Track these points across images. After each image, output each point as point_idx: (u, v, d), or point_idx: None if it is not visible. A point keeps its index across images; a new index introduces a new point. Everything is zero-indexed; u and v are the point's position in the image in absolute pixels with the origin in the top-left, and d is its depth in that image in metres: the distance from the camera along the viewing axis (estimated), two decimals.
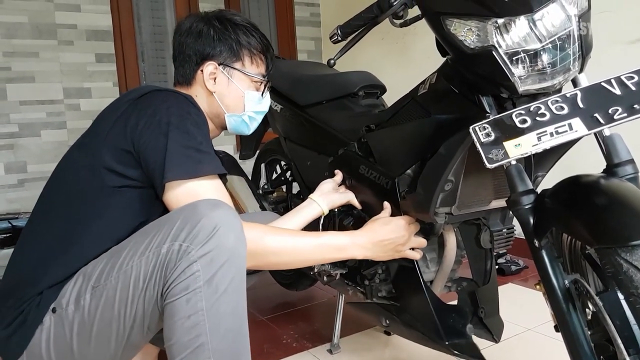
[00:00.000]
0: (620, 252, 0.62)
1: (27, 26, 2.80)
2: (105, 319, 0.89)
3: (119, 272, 0.87)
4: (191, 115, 0.98)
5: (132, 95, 1.02)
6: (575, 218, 0.70)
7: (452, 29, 0.84)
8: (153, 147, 0.93)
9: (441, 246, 1.19)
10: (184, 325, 0.82)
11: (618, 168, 0.80)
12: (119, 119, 0.98)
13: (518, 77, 0.78)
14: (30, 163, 2.85)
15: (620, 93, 0.70)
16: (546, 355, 1.41)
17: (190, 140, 0.94)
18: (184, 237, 0.83)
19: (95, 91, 3.01)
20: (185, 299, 0.82)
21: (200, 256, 0.82)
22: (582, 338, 0.79)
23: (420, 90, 1.05)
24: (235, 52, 1.12)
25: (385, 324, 1.23)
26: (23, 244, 1.01)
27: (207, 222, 0.83)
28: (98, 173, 0.96)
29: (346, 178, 1.27)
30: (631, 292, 0.61)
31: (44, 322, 0.92)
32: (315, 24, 3.75)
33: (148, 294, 0.86)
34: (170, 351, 0.84)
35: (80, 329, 0.90)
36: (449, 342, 1.06)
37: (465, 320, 1.12)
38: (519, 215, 0.83)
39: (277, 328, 1.70)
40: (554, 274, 0.81)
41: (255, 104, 1.16)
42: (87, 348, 0.91)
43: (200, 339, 0.81)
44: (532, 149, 0.71)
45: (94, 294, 0.89)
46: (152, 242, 0.86)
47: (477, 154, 0.98)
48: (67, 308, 0.90)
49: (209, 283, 0.82)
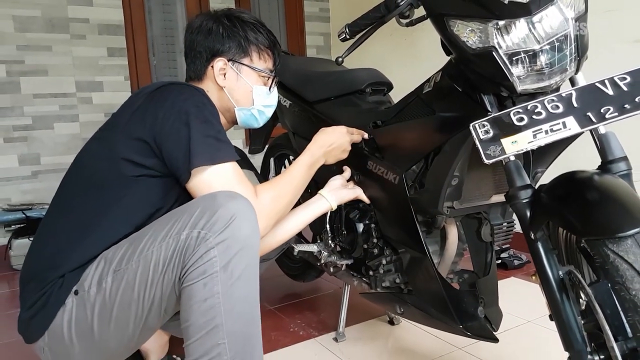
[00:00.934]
0: (608, 243, 0.66)
1: (41, 20, 2.86)
2: (125, 300, 0.94)
3: (140, 257, 0.93)
4: (207, 106, 1.04)
5: (147, 89, 1.07)
6: (568, 211, 0.74)
7: (455, 29, 0.88)
8: (176, 137, 0.98)
9: (443, 239, 1.23)
10: (200, 307, 0.87)
11: (612, 165, 0.84)
12: (136, 111, 1.03)
13: (517, 76, 0.82)
14: (43, 155, 2.92)
15: (612, 93, 0.74)
16: (545, 346, 1.45)
17: (210, 129, 1.00)
18: (202, 225, 0.88)
19: (107, 85, 3.06)
20: (203, 283, 0.87)
21: (217, 243, 0.87)
22: (574, 326, 0.83)
23: (425, 88, 1.09)
24: (244, 48, 1.16)
25: (400, 311, 1.28)
26: (44, 231, 1.06)
27: (225, 212, 0.88)
28: (116, 163, 1.01)
29: (354, 174, 1.31)
30: (617, 280, 0.65)
31: (66, 304, 0.97)
32: (325, 19, 3.78)
33: (167, 277, 0.91)
34: (186, 332, 0.89)
35: (101, 310, 0.95)
36: (462, 325, 1.11)
37: (477, 304, 1.17)
38: (517, 209, 0.87)
39: (285, 317, 1.75)
40: (548, 265, 0.85)
41: (263, 98, 1.20)
42: (106, 329, 0.96)
43: (216, 320, 0.86)
44: (528, 145, 0.75)
45: (116, 277, 0.94)
46: (173, 229, 0.91)
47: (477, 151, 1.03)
48: (89, 290, 0.96)
49: (225, 268, 0.87)
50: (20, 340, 0.99)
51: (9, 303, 2.06)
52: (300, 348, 1.51)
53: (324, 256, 1.41)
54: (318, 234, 1.54)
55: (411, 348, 1.48)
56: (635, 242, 0.65)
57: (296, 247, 1.46)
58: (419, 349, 1.47)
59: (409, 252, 1.22)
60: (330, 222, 1.43)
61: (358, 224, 1.32)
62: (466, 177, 1.05)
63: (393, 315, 1.65)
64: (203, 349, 0.88)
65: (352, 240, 1.35)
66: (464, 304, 1.15)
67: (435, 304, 1.16)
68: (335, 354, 1.46)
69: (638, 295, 0.64)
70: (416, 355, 1.43)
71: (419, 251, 1.16)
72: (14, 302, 2.06)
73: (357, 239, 1.33)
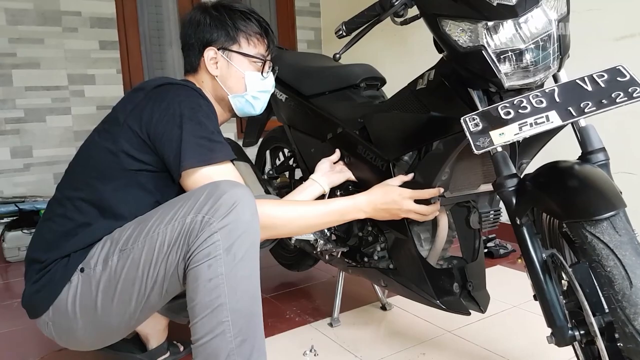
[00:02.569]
0: (586, 225, 0.73)
1: (33, 13, 2.86)
2: (129, 278, 0.99)
3: (146, 238, 0.98)
4: (202, 108, 1.08)
5: (147, 85, 1.12)
6: (551, 198, 0.81)
7: (447, 29, 0.94)
8: (168, 139, 1.04)
9: (434, 227, 1.30)
10: (205, 287, 0.92)
11: (591, 155, 0.91)
12: (135, 109, 1.08)
13: (504, 73, 0.88)
14: (35, 148, 2.93)
15: (591, 89, 0.81)
16: (530, 328, 1.53)
17: (202, 130, 1.04)
18: (206, 210, 0.94)
19: (99, 78, 3.08)
20: (207, 265, 0.92)
21: (221, 227, 0.93)
22: (556, 305, 0.90)
23: (418, 84, 1.15)
24: (232, 36, 1.18)
25: (384, 284, 1.36)
26: (50, 215, 1.12)
27: (228, 198, 0.94)
28: (117, 156, 1.07)
29: (344, 155, 1.38)
30: (593, 259, 0.72)
31: (71, 281, 1.03)
32: (315, 14, 3.82)
33: (170, 258, 0.97)
34: (192, 312, 0.95)
35: (105, 287, 1.01)
36: (439, 300, 1.20)
37: (453, 281, 1.25)
38: (503, 197, 0.94)
39: (280, 305, 1.81)
40: (532, 249, 0.92)
41: (257, 84, 1.22)
42: (109, 305, 1.02)
43: (220, 299, 0.92)
44: (514, 137, 0.81)
45: (121, 256, 1.00)
46: (178, 213, 0.97)
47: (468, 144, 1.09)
48: (95, 268, 1.02)
49: (228, 251, 0.93)
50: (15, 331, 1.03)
51: (3, 294, 2.08)
52: (297, 333, 1.57)
53: (320, 244, 1.47)
54: None
55: (403, 332, 1.55)
56: (610, 224, 0.72)
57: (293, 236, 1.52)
58: (410, 332, 1.54)
59: (393, 234, 1.30)
60: None
61: None
62: (457, 168, 1.11)
63: (385, 302, 1.72)
64: (209, 326, 0.93)
65: (348, 229, 1.41)
66: (441, 281, 1.24)
67: (416, 280, 1.25)
68: (330, 338, 1.53)
69: (612, 272, 0.71)
70: (408, 338, 1.51)
71: (403, 234, 1.24)
72: (8, 293, 2.09)
73: (352, 227, 1.39)
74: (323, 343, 1.50)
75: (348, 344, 1.48)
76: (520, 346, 1.42)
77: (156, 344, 1.43)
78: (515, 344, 1.43)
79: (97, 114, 3.07)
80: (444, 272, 1.25)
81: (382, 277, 1.33)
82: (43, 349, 1.54)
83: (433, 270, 1.23)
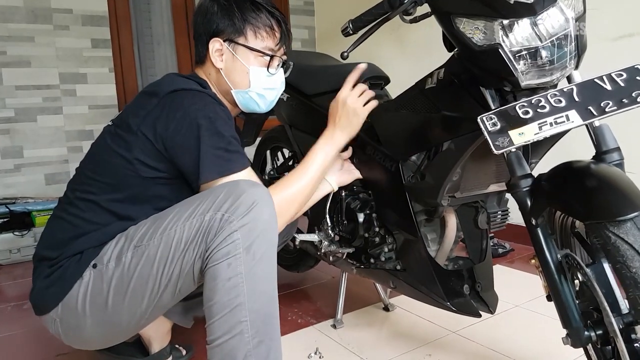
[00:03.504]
0: (609, 226, 0.73)
1: (23, 10, 2.80)
2: (143, 275, 0.97)
3: (163, 234, 0.96)
4: (219, 115, 1.04)
5: (159, 90, 1.06)
6: (570, 198, 0.80)
7: (462, 27, 0.92)
8: (186, 150, 1.01)
9: (442, 227, 1.29)
10: (224, 286, 0.90)
11: (606, 155, 0.90)
12: (148, 116, 1.04)
13: (521, 72, 0.87)
14: (26, 148, 2.87)
15: (611, 88, 0.80)
16: (533, 327, 1.53)
17: (219, 141, 1.02)
18: (226, 209, 0.92)
19: (91, 77, 3.02)
20: (227, 263, 0.91)
21: (241, 226, 0.91)
22: (572, 305, 0.90)
23: (427, 83, 1.13)
24: (238, 27, 1.12)
25: (393, 286, 1.34)
26: (61, 214, 1.10)
27: (247, 197, 0.93)
28: (132, 164, 1.05)
29: (352, 155, 1.36)
30: (617, 260, 0.72)
31: (83, 277, 1.01)
32: (309, 12, 3.80)
33: (187, 255, 0.95)
34: (210, 311, 0.92)
35: (118, 284, 0.99)
36: (450, 302, 1.19)
37: (463, 282, 1.24)
38: (518, 197, 0.93)
39: (281, 306, 1.77)
40: (547, 249, 0.91)
41: (262, 80, 1.15)
42: (121, 303, 1.00)
43: (239, 299, 0.90)
44: (534, 137, 0.80)
45: (136, 253, 0.98)
46: (197, 210, 0.95)
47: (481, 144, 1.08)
48: (108, 264, 0.99)
49: (248, 250, 0.91)
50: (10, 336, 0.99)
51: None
52: (301, 335, 1.56)
53: (324, 245, 1.46)
54: (316, 224, 1.58)
55: (408, 332, 1.54)
56: (634, 225, 0.71)
57: (297, 236, 1.50)
58: (415, 333, 1.53)
59: (403, 235, 1.29)
60: (329, 212, 1.47)
61: (359, 214, 1.36)
62: (466, 169, 1.10)
63: (388, 302, 1.70)
64: (227, 326, 0.91)
65: (353, 230, 1.39)
66: (451, 283, 1.23)
67: (425, 282, 1.24)
68: (335, 340, 1.51)
69: (638, 272, 0.70)
70: (413, 339, 1.49)
71: (413, 235, 1.23)
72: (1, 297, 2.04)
73: (358, 228, 1.38)
74: (327, 345, 1.48)
75: (353, 346, 1.46)
76: (526, 346, 1.41)
77: (159, 347, 1.40)
78: (521, 343, 1.43)
79: (89, 113, 3.02)
80: (454, 274, 1.24)
81: (391, 278, 1.32)
82: (37, 356, 1.50)
83: (443, 271, 1.22)
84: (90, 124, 3.01)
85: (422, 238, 1.20)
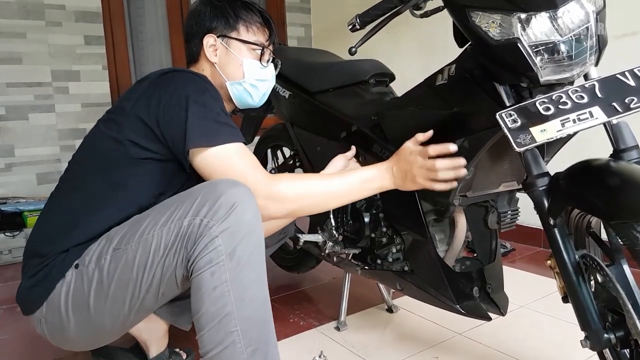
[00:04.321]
0: (636, 225, 0.70)
1: (14, 5, 2.74)
2: (122, 280, 0.94)
3: (140, 239, 0.93)
4: (208, 90, 1.05)
5: (152, 75, 1.09)
6: (592, 197, 0.78)
7: (477, 21, 0.90)
8: (175, 122, 1.00)
9: (451, 227, 1.26)
10: (210, 296, 0.87)
11: (624, 153, 0.88)
12: (142, 97, 1.05)
13: (540, 67, 0.85)
14: (17, 147, 2.81)
15: (634, 84, 0.78)
16: (539, 328, 1.51)
17: (207, 112, 1.01)
18: (205, 213, 0.89)
19: (84, 74, 2.97)
20: (210, 272, 0.87)
21: (221, 231, 0.87)
22: (590, 306, 0.87)
23: (438, 80, 1.10)
24: (231, 24, 1.17)
25: (400, 287, 1.31)
26: (51, 208, 1.08)
27: (226, 199, 0.89)
28: (123, 145, 1.03)
29: (359, 154, 1.33)
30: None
31: (65, 277, 0.99)
32: (305, 10, 3.76)
33: (167, 261, 0.92)
34: (199, 322, 0.89)
35: (97, 286, 0.96)
36: (459, 304, 1.16)
37: (473, 285, 1.21)
38: (534, 197, 0.91)
39: (283, 308, 1.75)
40: (565, 250, 0.88)
41: (255, 72, 1.19)
42: (102, 305, 0.97)
43: (227, 308, 0.87)
44: (557, 134, 0.78)
45: (114, 256, 0.95)
46: (174, 215, 0.92)
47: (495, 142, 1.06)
48: (89, 265, 0.97)
49: (231, 256, 0.87)
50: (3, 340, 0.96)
51: None
52: (304, 337, 1.52)
53: (328, 246, 1.42)
54: (319, 224, 1.54)
55: (413, 334, 1.51)
56: None
57: (301, 237, 1.47)
58: (420, 335, 1.50)
59: (411, 235, 1.26)
60: (334, 212, 1.44)
61: (365, 214, 1.33)
62: (479, 167, 1.08)
63: (391, 304, 1.68)
64: (217, 338, 0.88)
65: (359, 230, 1.36)
66: (460, 285, 1.20)
67: (434, 284, 1.20)
68: (338, 342, 1.48)
69: None
70: (419, 341, 1.47)
71: (422, 235, 1.20)
72: None
73: (364, 228, 1.35)
74: (332, 348, 1.45)
75: (358, 349, 1.43)
76: (533, 347, 1.39)
77: (156, 351, 1.36)
78: (528, 345, 1.41)
79: (82, 111, 2.96)
80: (464, 276, 1.21)
81: (398, 280, 1.29)
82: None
83: (453, 273, 1.19)
84: (83, 122, 2.95)
85: (431, 239, 1.17)
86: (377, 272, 1.35)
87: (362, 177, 1.09)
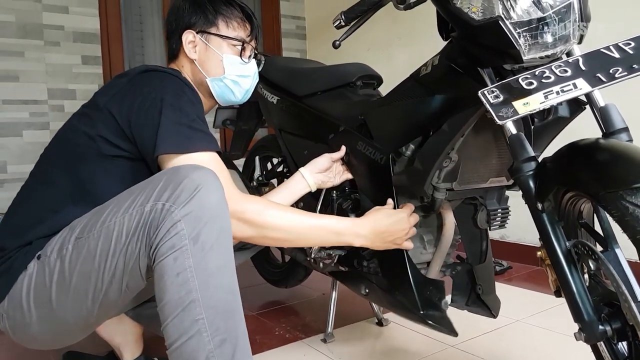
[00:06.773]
0: (625, 195, 0.66)
1: (14, 25, 2.78)
2: (85, 270, 0.89)
3: (102, 227, 0.89)
4: (186, 94, 1.02)
5: (131, 72, 1.07)
6: (580, 173, 0.74)
7: (459, 3, 0.88)
8: (148, 124, 0.97)
9: (439, 228, 1.21)
10: (173, 283, 0.82)
11: (613, 136, 0.85)
12: (117, 94, 1.02)
13: (522, 45, 0.83)
14: (10, 163, 2.79)
15: (619, 56, 0.75)
16: (534, 342, 1.44)
17: (182, 117, 0.97)
18: (167, 197, 0.84)
19: (80, 93, 2.98)
20: (173, 258, 0.82)
21: (184, 215, 0.83)
22: (584, 297, 0.82)
23: (422, 71, 1.08)
24: (210, 19, 1.16)
25: (365, 292, 1.25)
26: (19, 201, 1.05)
27: (189, 182, 0.85)
28: (94, 140, 1.00)
29: (345, 154, 1.30)
30: (638, 230, 0.65)
31: (27, 269, 0.94)
32: (301, 36, 3.82)
33: (130, 249, 0.87)
34: (163, 312, 0.84)
35: (59, 278, 0.91)
36: (423, 312, 1.08)
37: (442, 295, 1.13)
38: (521, 182, 0.86)
39: (268, 321, 1.68)
40: (555, 237, 0.84)
41: (236, 67, 1.17)
42: (64, 299, 0.92)
43: (191, 295, 0.81)
44: (540, 105, 0.75)
45: (76, 245, 0.91)
46: (136, 201, 0.87)
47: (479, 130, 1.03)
48: (50, 256, 0.92)
49: (195, 240, 0.83)
50: None
51: None
52: (288, 349, 1.45)
53: (314, 250, 1.37)
54: None
55: (402, 347, 1.44)
56: None
57: None
58: (410, 348, 1.43)
59: None
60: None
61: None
62: (465, 158, 1.04)
63: (381, 317, 1.61)
64: (182, 328, 0.82)
65: None
66: (428, 292, 1.13)
67: (399, 286, 1.13)
68: (324, 354, 1.41)
69: None
70: (408, 353, 1.39)
71: None
72: None
73: None
74: (317, 359, 1.37)
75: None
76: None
77: (131, 357, 1.29)
78: (523, 357, 1.34)
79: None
80: (434, 284, 1.14)
81: (365, 283, 1.22)
82: None
83: (421, 277, 1.13)
84: None
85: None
86: (350, 275, 1.29)
87: (337, 230, 1.06)
